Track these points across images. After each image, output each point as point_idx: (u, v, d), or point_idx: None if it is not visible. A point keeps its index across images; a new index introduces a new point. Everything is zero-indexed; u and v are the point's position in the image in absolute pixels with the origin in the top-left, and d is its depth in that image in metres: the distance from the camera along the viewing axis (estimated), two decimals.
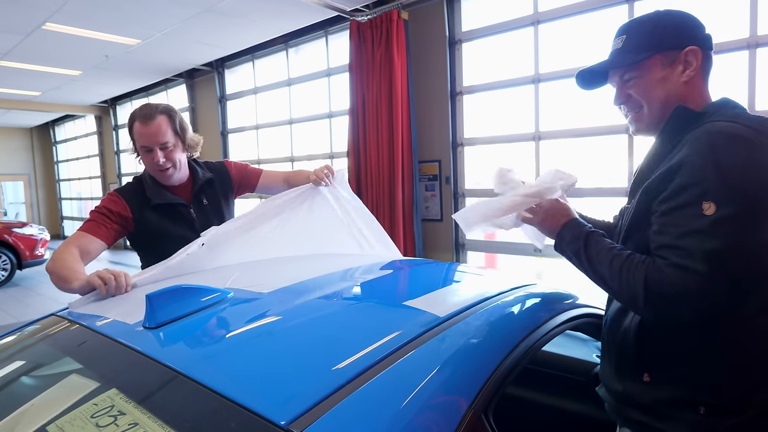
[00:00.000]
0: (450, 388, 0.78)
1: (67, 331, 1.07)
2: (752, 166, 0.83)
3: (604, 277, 0.95)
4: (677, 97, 1.00)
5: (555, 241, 1.11)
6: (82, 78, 8.21)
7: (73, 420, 0.73)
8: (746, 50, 3.60)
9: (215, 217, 1.78)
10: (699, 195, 0.82)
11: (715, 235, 0.80)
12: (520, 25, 4.62)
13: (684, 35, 1.00)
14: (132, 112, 1.74)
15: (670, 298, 0.83)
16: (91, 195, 12.89)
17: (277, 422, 0.64)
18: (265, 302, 1.09)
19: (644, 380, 0.96)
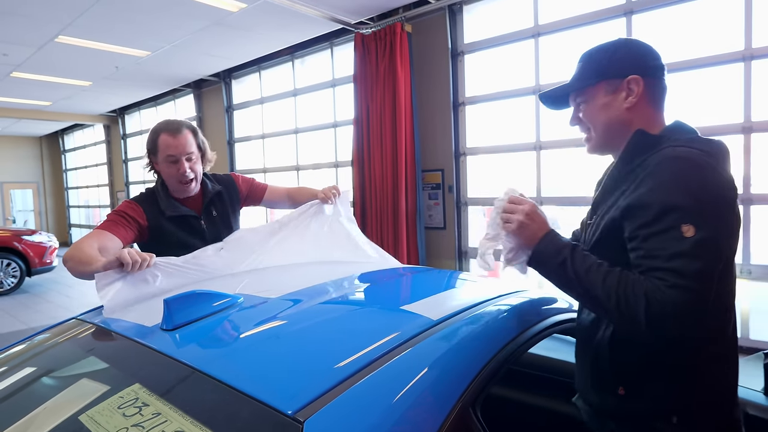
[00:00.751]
0: (441, 383, 0.86)
1: (91, 333, 1.16)
2: (713, 187, 0.91)
3: (595, 294, 0.95)
4: (620, 122, 1.08)
5: (532, 254, 1.08)
6: (92, 88, 8.39)
7: (102, 411, 0.81)
8: (741, 62, 3.67)
9: (224, 228, 1.87)
10: (677, 219, 0.88)
11: (699, 255, 0.86)
12: (521, 37, 4.73)
13: (628, 65, 1.07)
14: (156, 127, 1.84)
15: (674, 316, 0.86)
16: (98, 203, 13.06)
17: (285, 411, 0.72)
18: (273, 306, 1.18)
19: (619, 393, 1.01)
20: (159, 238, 1.80)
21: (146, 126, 10.37)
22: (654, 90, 1.08)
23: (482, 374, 0.90)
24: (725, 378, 1.00)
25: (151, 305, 1.31)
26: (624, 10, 4.11)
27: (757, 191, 3.74)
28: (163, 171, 1.83)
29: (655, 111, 1.09)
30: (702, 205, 0.88)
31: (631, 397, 1.00)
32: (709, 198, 0.89)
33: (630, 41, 1.12)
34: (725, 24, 3.76)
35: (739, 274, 3.86)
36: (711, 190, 0.90)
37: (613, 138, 1.10)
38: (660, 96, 1.09)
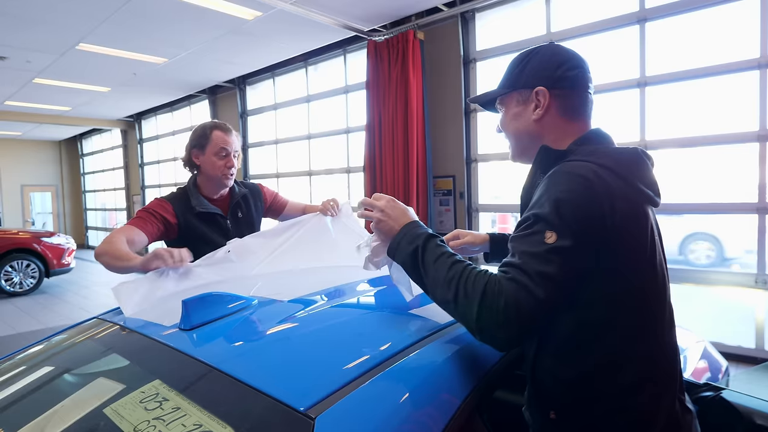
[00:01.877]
0: (447, 384, 0.90)
1: (113, 332, 1.21)
2: (583, 202, 0.87)
3: (439, 285, 0.93)
4: (529, 133, 1.07)
5: (390, 243, 1.06)
6: (111, 94, 8.58)
7: (124, 404, 0.86)
8: (757, 70, 3.65)
9: (247, 230, 1.99)
10: (544, 225, 0.88)
11: (551, 260, 0.85)
12: (534, 44, 4.74)
13: (537, 76, 1.04)
14: (206, 124, 2.02)
15: (503, 311, 0.84)
16: (115, 206, 13.30)
17: (297, 408, 0.76)
18: (285, 308, 1.22)
19: (551, 417, 0.97)
20: (186, 234, 1.91)
21: (162, 131, 10.56)
22: (565, 102, 1.04)
23: (489, 377, 0.93)
24: (656, 402, 0.93)
25: (167, 306, 1.36)
26: (637, 17, 4.12)
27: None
28: (209, 163, 1.96)
29: (568, 123, 1.04)
30: (569, 218, 0.86)
31: (562, 422, 0.96)
32: (579, 213, 0.87)
33: (548, 49, 1.08)
34: (741, 31, 3.75)
35: (754, 284, 3.83)
36: (582, 206, 0.87)
37: (524, 148, 1.10)
38: (575, 107, 1.05)
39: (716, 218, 4.24)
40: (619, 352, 0.91)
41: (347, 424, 0.75)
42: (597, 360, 0.91)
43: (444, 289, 0.92)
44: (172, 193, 2.03)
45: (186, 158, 2.02)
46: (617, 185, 0.90)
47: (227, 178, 1.99)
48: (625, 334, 0.91)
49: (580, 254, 0.87)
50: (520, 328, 0.85)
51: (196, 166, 2.01)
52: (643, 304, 0.94)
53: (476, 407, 0.87)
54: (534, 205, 0.93)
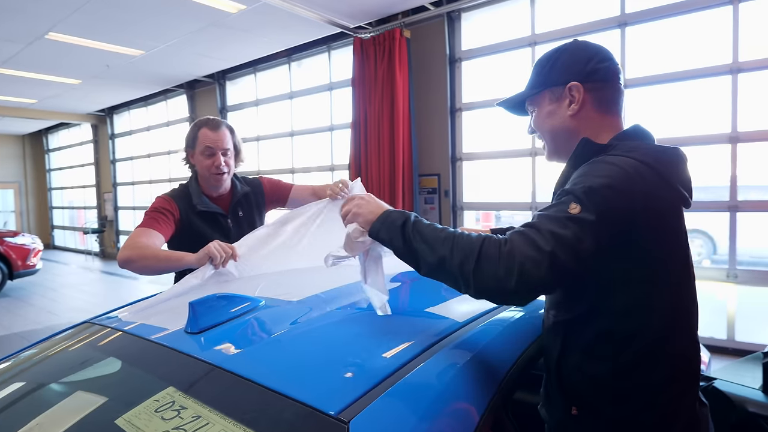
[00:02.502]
0: (475, 382, 0.87)
1: (112, 337, 1.14)
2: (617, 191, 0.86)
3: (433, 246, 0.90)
4: (565, 129, 1.05)
5: (374, 223, 1.01)
6: (81, 87, 8.28)
7: (138, 414, 0.80)
8: (729, 75, 3.77)
9: (249, 229, 1.87)
10: (571, 198, 0.87)
11: (567, 226, 0.83)
12: (518, 45, 4.79)
13: (569, 71, 1.03)
14: (197, 122, 1.97)
15: (502, 258, 0.82)
16: (84, 204, 12.86)
17: (329, 412, 0.72)
18: (297, 309, 1.17)
19: (572, 413, 0.97)
20: (185, 233, 1.86)
21: (136, 126, 10.26)
22: (599, 95, 1.03)
23: (510, 374, 0.91)
24: (682, 398, 0.94)
25: (165, 309, 1.30)
26: (618, 21, 4.19)
27: (744, 198, 3.83)
28: (199, 163, 1.93)
29: (604, 116, 1.04)
30: (595, 199, 0.85)
31: (585, 418, 0.96)
32: (613, 200, 0.85)
33: (575, 45, 1.08)
34: (714, 38, 3.86)
35: (726, 278, 3.96)
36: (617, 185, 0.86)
37: (561, 145, 1.09)
38: (609, 100, 1.04)
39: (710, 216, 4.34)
40: (657, 349, 0.91)
41: (382, 427, 0.72)
42: (633, 356, 0.91)
43: (439, 247, 0.89)
44: (174, 190, 1.98)
45: (184, 159, 2.00)
46: (656, 184, 0.90)
47: (217, 178, 1.92)
48: (660, 330, 0.91)
49: (601, 231, 0.84)
50: (519, 281, 0.81)
51: (192, 165, 1.98)
52: (679, 301, 0.93)
53: (503, 405, 0.85)
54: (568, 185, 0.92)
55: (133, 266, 1.62)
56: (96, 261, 11.26)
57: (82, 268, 10.28)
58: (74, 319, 5.86)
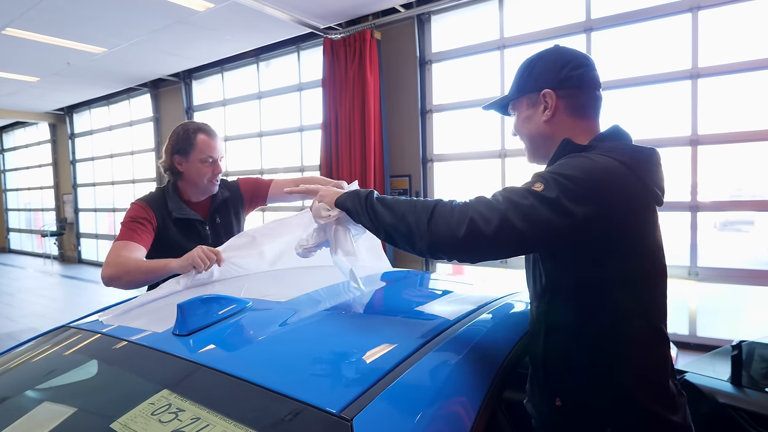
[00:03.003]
0: (470, 378, 0.90)
1: (95, 342, 1.12)
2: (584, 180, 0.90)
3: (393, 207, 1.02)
4: (540, 134, 1.10)
5: (341, 196, 1.17)
6: (39, 84, 7.94)
7: (134, 418, 0.79)
8: (689, 80, 3.96)
9: (225, 236, 1.83)
10: (537, 179, 0.93)
11: (527, 197, 0.89)
12: (487, 48, 4.89)
13: (543, 79, 1.08)
14: (191, 127, 1.85)
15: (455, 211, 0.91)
16: (42, 206, 12.33)
17: (331, 410, 0.74)
18: (287, 309, 1.18)
19: (556, 404, 1.00)
20: (161, 240, 1.78)
21: (97, 126, 9.91)
22: (572, 101, 1.07)
23: (504, 366, 0.95)
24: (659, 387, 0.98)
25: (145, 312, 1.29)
26: (584, 27, 4.34)
27: (703, 199, 4.03)
28: (194, 171, 1.83)
29: (577, 121, 1.07)
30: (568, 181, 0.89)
31: (568, 409, 1.00)
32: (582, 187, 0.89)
33: (553, 51, 1.12)
34: (675, 44, 4.05)
35: (687, 276, 4.16)
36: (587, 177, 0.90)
37: (538, 149, 1.14)
38: (583, 106, 1.08)
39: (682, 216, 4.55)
40: (633, 340, 0.95)
41: (385, 424, 0.74)
42: (610, 349, 0.95)
43: (399, 208, 1.00)
44: (150, 194, 1.87)
45: (167, 164, 1.85)
46: (631, 182, 0.94)
47: (213, 185, 1.87)
48: (635, 324, 0.95)
49: (560, 209, 0.88)
50: (467, 232, 0.89)
51: (178, 172, 1.85)
52: (652, 297, 0.98)
53: (497, 399, 0.89)
54: None
55: (119, 283, 1.58)
56: (55, 264, 10.81)
57: (41, 272, 9.85)
58: (33, 324, 5.62)
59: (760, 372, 1.53)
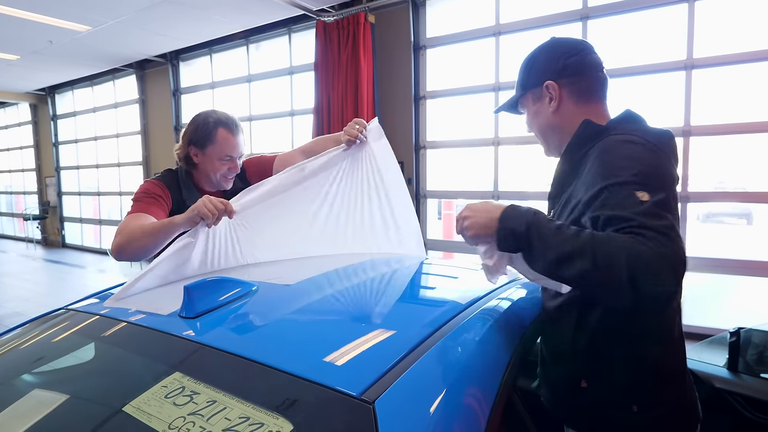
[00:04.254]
0: (488, 361, 0.90)
1: (99, 324, 1.09)
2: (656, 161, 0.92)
3: (568, 254, 0.84)
4: (551, 126, 1.12)
5: (495, 238, 0.95)
6: (19, 63, 7.70)
7: (147, 401, 0.77)
8: (683, 71, 3.98)
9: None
10: (631, 189, 0.86)
11: (660, 214, 0.84)
12: (483, 35, 4.85)
13: (543, 72, 1.11)
14: (213, 118, 1.73)
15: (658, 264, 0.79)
16: (24, 189, 12.05)
17: (352, 393, 0.73)
18: (297, 292, 1.16)
19: (582, 386, 1.02)
20: None
21: (80, 107, 9.67)
22: (575, 88, 1.08)
23: (519, 349, 0.95)
24: (679, 365, 1.04)
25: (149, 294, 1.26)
26: (580, 15, 4.33)
27: (694, 189, 4.09)
28: (210, 165, 1.73)
29: (586, 106, 1.08)
30: (650, 177, 0.88)
31: (594, 389, 1.02)
32: (656, 172, 0.90)
33: (550, 44, 1.14)
34: (670, 34, 4.06)
35: None
36: (656, 165, 0.91)
37: (552, 140, 1.15)
38: (587, 90, 1.09)
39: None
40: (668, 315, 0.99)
41: (407, 406, 0.73)
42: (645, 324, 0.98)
43: (578, 258, 0.83)
44: (164, 176, 1.77)
45: (183, 153, 1.75)
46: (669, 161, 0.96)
47: (227, 182, 1.77)
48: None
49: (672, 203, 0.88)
50: (674, 271, 0.80)
51: (193, 163, 1.75)
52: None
53: (513, 382, 0.89)
54: (598, 179, 0.91)
55: (127, 253, 1.46)
56: (38, 249, 10.60)
57: (23, 256, 9.66)
58: (18, 309, 5.52)
59: (755, 358, 1.56)
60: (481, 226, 0.97)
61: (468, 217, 0.99)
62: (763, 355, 1.60)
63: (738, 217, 11.31)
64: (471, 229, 0.98)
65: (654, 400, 0.99)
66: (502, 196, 4.88)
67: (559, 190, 1.10)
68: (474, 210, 0.99)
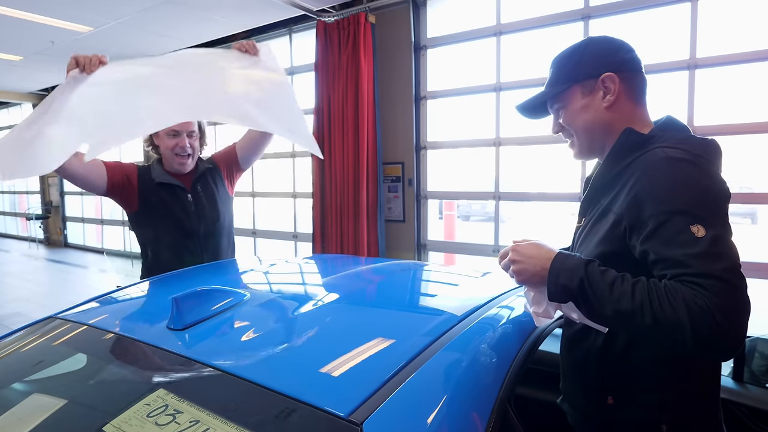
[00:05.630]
0: (482, 378, 0.87)
1: (86, 335, 1.06)
2: (711, 185, 0.87)
3: (626, 312, 0.82)
4: (601, 123, 1.03)
5: (548, 287, 0.93)
6: (22, 64, 7.70)
7: (128, 420, 0.75)
8: (686, 71, 3.94)
9: (208, 203, 1.98)
10: (684, 222, 0.82)
11: (719, 253, 0.80)
12: (484, 35, 4.82)
13: (600, 63, 1.03)
14: None
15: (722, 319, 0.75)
16: (26, 188, 12.07)
17: (340, 414, 0.70)
18: (286, 304, 1.14)
19: (608, 402, 0.99)
20: (148, 207, 1.90)
21: None
22: (632, 84, 1.03)
23: (514, 366, 0.92)
24: (713, 384, 1.00)
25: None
26: (582, 14, 4.29)
27: None
28: (163, 143, 1.95)
29: (637, 107, 1.04)
30: (704, 204, 0.84)
31: (621, 407, 0.99)
32: (710, 196, 0.85)
33: (598, 38, 1.08)
34: (673, 33, 4.02)
35: None
36: (710, 188, 0.86)
37: (597, 140, 1.06)
38: (640, 90, 1.05)
39: None
40: None
41: (396, 427, 0.71)
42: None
43: (638, 316, 0.81)
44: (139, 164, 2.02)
45: (146, 138, 2.00)
46: (719, 174, 0.91)
47: (180, 160, 1.95)
48: None
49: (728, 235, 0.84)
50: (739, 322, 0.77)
51: (155, 145, 1.99)
52: None
53: (508, 398, 0.86)
54: (640, 204, 0.88)
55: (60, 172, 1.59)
56: (40, 248, 10.62)
57: (26, 256, 9.68)
58: (18, 309, 5.52)
59: (762, 368, 1.52)
60: (531, 274, 0.96)
61: (517, 261, 0.97)
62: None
63: (742, 216, 11.26)
64: (520, 275, 0.97)
65: (685, 420, 0.96)
66: (503, 197, 4.85)
67: (595, 199, 1.05)
68: (522, 255, 0.97)
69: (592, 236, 1.01)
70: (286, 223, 6.53)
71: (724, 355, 0.81)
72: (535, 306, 0.98)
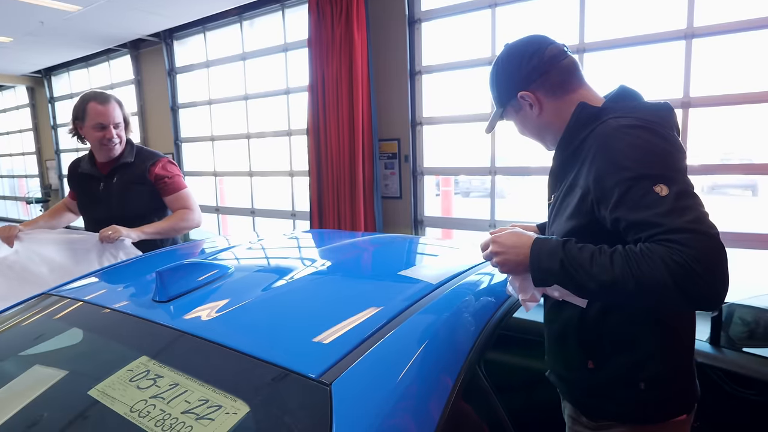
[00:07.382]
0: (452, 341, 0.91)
1: (74, 308, 1.10)
2: (664, 145, 0.89)
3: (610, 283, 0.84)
4: (545, 123, 1.11)
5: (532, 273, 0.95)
6: (13, 45, 7.61)
7: (112, 384, 0.79)
8: (683, 40, 3.89)
9: (119, 193, 2.11)
10: (647, 184, 0.85)
11: (685, 206, 0.82)
12: (478, 6, 4.74)
13: (510, 86, 1.10)
14: (85, 96, 2.13)
15: (702, 269, 0.77)
16: (25, 172, 12.07)
17: (310, 375, 0.74)
18: (267, 276, 1.17)
19: (589, 367, 1.04)
20: (77, 197, 2.24)
21: (77, 89, 9.60)
22: (547, 86, 1.07)
23: (486, 331, 0.95)
24: (687, 342, 1.05)
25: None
26: None
27: (698, 162, 4.03)
28: (89, 135, 2.10)
29: (565, 97, 1.07)
30: (663, 163, 0.87)
31: (601, 369, 1.03)
32: (666, 155, 0.88)
33: (504, 57, 1.14)
34: (670, 3, 3.95)
35: None
36: (665, 149, 0.89)
37: (548, 137, 1.15)
38: (561, 83, 1.07)
39: None
40: None
41: (364, 388, 0.74)
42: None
43: (621, 285, 0.83)
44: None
45: (71, 128, 2.15)
46: (673, 135, 0.94)
47: (108, 148, 2.10)
48: None
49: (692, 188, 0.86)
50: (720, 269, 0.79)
51: (81, 136, 2.15)
52: None
53: (477, 362, 0.89)
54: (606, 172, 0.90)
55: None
56: None
57: None
58: None
59: (739, 333, 1.56)
60: (516, 263, 0.99)
61: (498, 253, 1.00)
62: (755, 332, 1.59)
63: (743, 188, 11.22)
64: (504, 266, 1.01)
65: (661, 376, 1.00)
66: (499, 171, 4.85)
67: (561, 175, 1.09)
68: (503, 245, 1.00)
69: (563, 212, 1.04)
70: (283, 202, 6.55)
71: (713, 302, 0.82)
72: (521, 293, 1.02)
